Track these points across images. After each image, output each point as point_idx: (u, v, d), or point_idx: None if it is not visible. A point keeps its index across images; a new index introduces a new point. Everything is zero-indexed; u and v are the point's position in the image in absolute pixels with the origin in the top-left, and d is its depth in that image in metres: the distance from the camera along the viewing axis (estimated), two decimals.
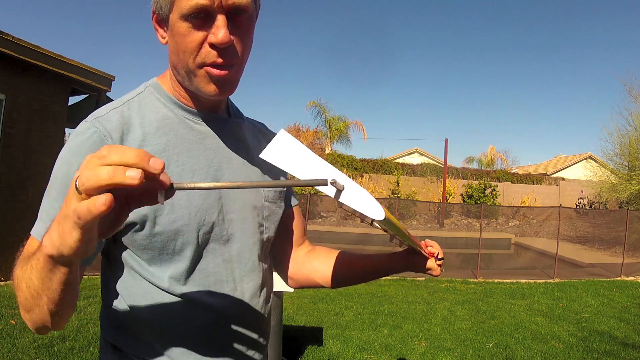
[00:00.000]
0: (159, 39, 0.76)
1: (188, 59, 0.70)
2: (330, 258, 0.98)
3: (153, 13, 0.74)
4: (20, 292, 0.61)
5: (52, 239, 0.46)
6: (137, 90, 0.81)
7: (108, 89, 6.18)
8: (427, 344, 4.13)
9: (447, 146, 17.24)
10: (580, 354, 4.03)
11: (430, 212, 16.34)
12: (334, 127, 23.14)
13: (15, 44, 4.78)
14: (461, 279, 7.42)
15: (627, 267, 8.43)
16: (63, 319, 0.63)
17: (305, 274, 0.99)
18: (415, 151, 30.57)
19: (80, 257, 0.47)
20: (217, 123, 0.82)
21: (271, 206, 0.88)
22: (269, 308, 0.89)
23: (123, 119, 0.74)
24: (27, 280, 0.58)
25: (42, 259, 0.52)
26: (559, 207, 9.04)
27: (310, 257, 1.00)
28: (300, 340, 3.95)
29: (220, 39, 0.67)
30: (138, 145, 0.74)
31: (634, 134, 14.29)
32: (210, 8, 0.66)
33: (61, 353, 3.23)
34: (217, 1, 0.66)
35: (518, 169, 27.08)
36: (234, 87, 0.75)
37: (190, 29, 0.68)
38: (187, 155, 0.77)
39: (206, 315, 0.77)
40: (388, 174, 17.83)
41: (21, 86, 5.11)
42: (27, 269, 0.58)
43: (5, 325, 3.67)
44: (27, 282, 0.58)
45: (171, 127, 0.78)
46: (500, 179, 19.27)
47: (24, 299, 0.60)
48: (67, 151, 0.71)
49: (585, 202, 18.49)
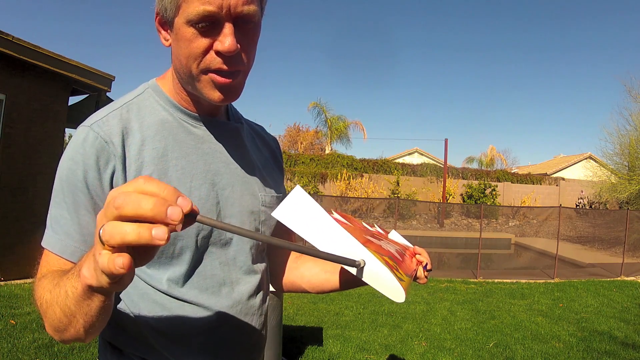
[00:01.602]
0: (162, 41, 0.75)
1: (192, 64, 0.70)
2: (317, 264, 0.98)
3: (156, 14, 0.73)
4: (52, 315, 0.60)
5: (90, 271, 0.46)
6: (136, 91, 0.81)
7: (108, 89, 6.18)
8: (427, 344, 4.13)
9: (447, 146, 17.26)
10: (580, 354, 4.03)
11: (430, 212, 16.34)
12: (334, 127, 23.14)
13: (15, 44, 4.78)
14: (461, 279, 7.42)
15: (627, 267, 8.43)
16: (97, 333, 0.63)
17: (291, 279, 1.00)
18: (415, 151, 30.57)
19: (117, 290, 0.47)
20: (216, 127, 0.82)
21: (268, 211, 0.88)
22: (266, 309, 0.89)
23: (122, 123, 0.74)
24: (62, 305, 0.57)
25: (81, 287, 0.51)
26: (559, 207, 9.04)
27: (297, 263, 1.01)
28: (300, 340, 3.95)
29: (228, 47, 0.67)
30: (138, 149, 0.73)
31: (634, 134, 14.29)
32: (218, 15, 0.66)
33: (61, 353, 3.22)
34: (225, 9, 0.65)
35: (518, 169, 27.08)
36: (238, 94, 0.75)
37: (196, 34, 0.67)
38: (185, 160, 0.77)
39: (204, 316, 0.77)
40: (388, 174, 17.83)
41: (21, 86, 5.11)
42: (60, 293, 0.57)
43: (5, 325, 3.67)
44: (62, 308, 0.57)
45: (170, 131, 0.77)
46: (500, 179, 19.27)
47: (58, 322, 0.59)
48: (70, 159, 0.71)
49: (585, 202, 18.49)
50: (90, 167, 0.70)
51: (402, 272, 0.55)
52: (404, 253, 0.88)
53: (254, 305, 0.84)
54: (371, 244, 0.69)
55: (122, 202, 0.41)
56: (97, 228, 0.43)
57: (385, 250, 0.69)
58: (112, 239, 0.41)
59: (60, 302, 0.57)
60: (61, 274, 0.63)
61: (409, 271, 0.73)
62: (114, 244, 0.41)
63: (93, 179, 0.70)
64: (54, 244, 0.70)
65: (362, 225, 0.95)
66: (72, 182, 0.70)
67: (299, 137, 26.70)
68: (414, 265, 0.85)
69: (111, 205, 0.42)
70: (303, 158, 18.28)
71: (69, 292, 0.55)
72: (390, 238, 0.98)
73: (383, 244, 0.75)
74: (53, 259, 0.70)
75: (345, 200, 15.00)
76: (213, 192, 0.79)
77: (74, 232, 0.70)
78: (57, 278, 0.61)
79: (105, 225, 0.42)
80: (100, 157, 0.70)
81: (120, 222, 0.41)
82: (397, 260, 0.70)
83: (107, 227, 0.41)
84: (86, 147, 0.70)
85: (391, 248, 0.76)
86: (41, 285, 0.64)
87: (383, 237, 0.93)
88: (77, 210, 0.70)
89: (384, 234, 1.00)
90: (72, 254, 0.70)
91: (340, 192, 16.25)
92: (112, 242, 0.41)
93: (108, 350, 0.79)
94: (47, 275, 0.66)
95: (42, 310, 0.62)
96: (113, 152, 0.71)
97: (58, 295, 0.58)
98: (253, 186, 0.86)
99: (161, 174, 0.74)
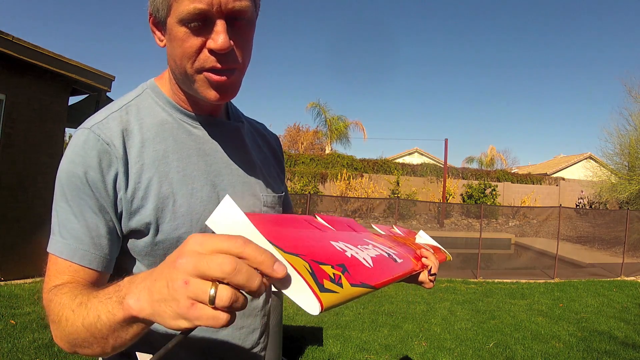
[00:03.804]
0: (157, 41, 0.74)
1: (186, 64, 0.69)
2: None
3: (150, 15, 0.72)
4: (73, 334, 0.58)
5: (142, 306, 0.45)
6: (134, 92, 0.80)
7: (108, 89, 6.18)
8: (427, 344, 4.13)
9: (447, 146, 17.25)
10: (580, 354, 4.03)
11: (430, 212, 16.33)
12: (333, 127, 23.13)
13: (15, 44, 4.78)
14: (461, 279, 7.42)
15: (627, 267, 8.43)
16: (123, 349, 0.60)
17: None
18: (415, 151, 30.56)
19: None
20: (216, 127, 0.82)
21: (269, 211, 0.87)
22: (269, 309, 0.89)
23: (122, 125, 0.73)
24: (89, 327, 0.55)
25: (122, 315, 0.49)
26: (559, 207, 9.03)
27: None
28: (300, 340, 3.95)
29: (220, 44, 0.65)
30: (138, 150, 0.72)
31: (634, 134, 14.29)
32: (209, 13, 0.65)
33: (61, 353, 3.22)
34: (216, 6, 0.64)
35: (518, 169, 27.10)
36: (234, 92, 0.74)
37: (188, 34, 0.66)
38: (186, 161, 0.76)
39: None
40: (388, 174, 17.82)
41: (21, 86, 5.11)
42: (87, 315, 0.55)
43: (5, 325, 3.67)
44: (89, 329, 0.55)
45: (170, 132, 0.77)
46: (500, 179, 19.27)
47: (81, 340, 0.57)
48: (70, 162, 0.69)
49: (585, 202, 18.48)
50: (92, 168, 0.68)
51: (343, 283, 0.52)
52: (419, 255, 0.87)
53: (257, 306, 0.84)
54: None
55: (229, 269, 0.40)
56: (185, 276, 0.42)
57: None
58: (221, 302, 0.40)
59: (88, 324, 0.55)
60: (83, 291, 0.61)
61: (400, 272, 0.71)
62: (221, 306, 0.40)
63: (96, 180, 0.68)
64: (62, 249, 0.68)
65: (409, 236, 0.94)
66: (74, 184, 0.68)
67: (299, 137, 26.71)
68: (417, 268, 0.82)
69: (217, 268, 0.40)
70: (303, 158, 18.27)
71: (102, 316, 0.53)
72: (418, 241, 0.98)
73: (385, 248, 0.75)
74: (63, 266, 0.68)
75: (345, 200, 15.00)
76: (214, 193, 0.78)
77: (82, 235, 0.69)
78: (79, 295, 0.59)
79: (222, 288, 0.40)
80: (103, 159, 0.69)
81: (238, 292, 0.41)
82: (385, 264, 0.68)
83: (227, 293, 0.40)
84: (87, 149, 0.69)
85: (391, 250, 0.75)
86: (57, 300, 0.62)
87: (400, 238, 0.92)
88: (82, 212, 0.69)
89: (402, 235, 0.99)
90: (83, 257, 0.68)
91: (340, 192, 16.25)
92: (221, 304, 0.40)
93: None
94: (63, 288, 0.64)
95: (60, 326, 0.60)
96: (115, 154, 0.70)
97: (85, 317, 0.56)
98: (254, 186, 0.85)
99: (162, 176, 0.74)
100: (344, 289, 0.51)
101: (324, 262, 0.53)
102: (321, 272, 0.50)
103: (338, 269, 0.54)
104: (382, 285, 0.62)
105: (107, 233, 0.70)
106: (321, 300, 0.45)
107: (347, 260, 0.59)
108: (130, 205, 0.71)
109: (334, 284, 0.50)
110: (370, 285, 0.58)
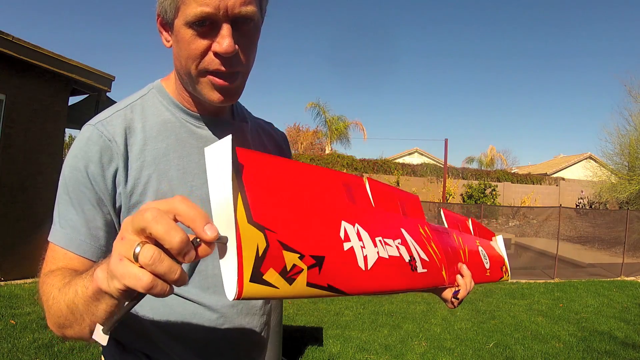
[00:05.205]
0: (164, 42, 0.76)
1: (191, 65, 0.70)
2: None
3: (158, 16, 0.74)
4: (57, 312, 0.60)
5: (106, 275, 0.46)
6: (141, 92, 0.82)
7: (108, 89, 6.17)
8: (427, 344, 4.13)
9: (447, 146, 17.23)
10: (580, 354, 4.03)
11: (430, 212, 16.31)
12: (333, 127, 23.14)
13: (15, 44, 4.78)
14: None
15: (627, 267, 8.43)
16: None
17: None
18: (415, 151, 30.54)
19: (126, 299, 0.47)
20: (219, 127, 0.83)
21: None
22: (269, 308, 0.89)
23: (125, 122, 0.75)
24: (69, 302, 0.58)
25: (92, 288, 0.52)
26: (559, 207, 9.03)
27: None
28: (300, 340, 3.95)
29: (225, 48, 0.67)
30: (140, 148, 0.74)
31: (634, 134, 14.29)
32: (215, 17, 0.66)
33: (61, 353, 3.22)
34: (223, 10, 0.65)
35: (518, 169, 27.06)
36: (238, 95, 0.76)
37: (194, 36, 0.68)
38: (187, 159, 0.78)
39: (206, 315, 0.77)
40: (388, 174, 17.83)
41: (21, 86, 5.11)
42: (69, 291, 0.58)
43: (5, 325, 3.67)
44: (69, 305, 0.58)
45: (172, 131, 0.78)
46: (500, 179, 19.27)
47: (63, 318, 0.60)
48: (74, 157, 0.73)
49: (585, 202, 18.48)
50: (93, 162, 0.71)
51: (298, 279, 0.45)
52: (456, 270, 0.80)
53: (256, 305, 0.84)
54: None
55: (150, 218, 0.41)
56: (124, 233, 0.43)
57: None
58: (144, 258, 0.41)
59: (68, 300, 0.58)
60: (73, 273, 0.63)
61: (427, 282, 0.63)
62: (143, 262, 0.41)
63: (96, 174, 0.71)
64: (60, 238, 0.71)
65: (482, 236, 0.90)
66: (75, 178, 0.72)
67: (299, 137, 26.71)
68: (443, 282, 0.73)
69: (142, 218, 0.42)
70: (303, 158, 18.28)
71: (78, 290, 0.56)
72: (492, 244, 0.94)
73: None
74: (60, 254, 0.71)
75: None
76: None
77: (80, 226, 0.71)
78: (68, 277, 0.62)
79: (147, 246, 0.41)
80: (104, 154, 0.72)
81: (162, 252, 0.41)
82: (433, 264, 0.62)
83: (149, 251, 0.41)
84: (90, 145, 0.72)
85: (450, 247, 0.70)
86: (49, 281, 0.65)
87: (462, 238, 0.88)
88: (81, 204, 0.72)
89: (471, 233, 0.94)
90: (79, 247, 0.71)
91: None
92: (143, 261, 0.41)
93: (112, 344, 0.80)
94: (56, 272, 0.67)
95: (47, 305, 0.63)
96: (116, 151, 0.73)
97: (67, 293, 0.58)
98: None
99: (162, 174, 0.75)
100: (292, 286, 0.45)
101: (296, 248, 0.47)
102: (275, 260, 0.44)
103: (307, 262, 0.47)
104: (361, 293, 0.55)
105: (104, 225, 0.73)
106: (242, 289, 0.41)
107: (335, 253, 0.52)
108: (129, 200, 0.74)
109: (282, 278, 0.44)
110: (340, 290, 0.51)
